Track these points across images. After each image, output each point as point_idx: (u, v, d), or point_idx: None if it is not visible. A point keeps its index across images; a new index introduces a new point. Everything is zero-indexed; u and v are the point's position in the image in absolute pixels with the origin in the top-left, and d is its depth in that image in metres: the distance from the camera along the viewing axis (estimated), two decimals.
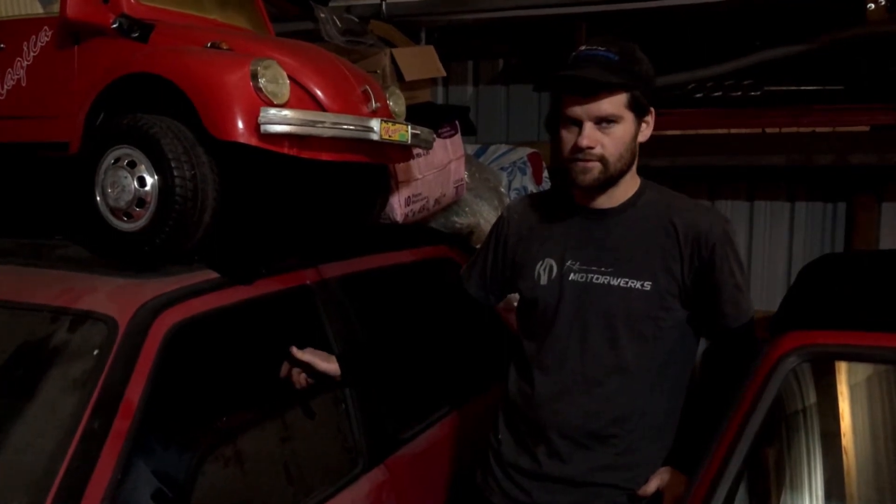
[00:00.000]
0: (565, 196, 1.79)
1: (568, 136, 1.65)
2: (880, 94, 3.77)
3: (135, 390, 1.50)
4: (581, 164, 1.64)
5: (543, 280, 1.76)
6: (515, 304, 1.99)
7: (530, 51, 4.72)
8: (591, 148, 1.62)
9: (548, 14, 3.70)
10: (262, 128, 1.73)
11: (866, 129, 3.74)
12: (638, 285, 1.67)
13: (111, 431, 1.43)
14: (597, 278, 1.70)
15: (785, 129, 3.87)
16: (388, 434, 2.17)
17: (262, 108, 1.72)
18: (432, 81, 3.04)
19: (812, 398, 1.53)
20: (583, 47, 1.66)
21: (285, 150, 1.80)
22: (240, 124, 1.72)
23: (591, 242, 1.73)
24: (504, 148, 3.94)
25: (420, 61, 2.80)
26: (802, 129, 3.83)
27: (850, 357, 1.49)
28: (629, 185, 1.74)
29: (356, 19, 2.89)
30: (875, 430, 1.53)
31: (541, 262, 1.78)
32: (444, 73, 3.07)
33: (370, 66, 2.57)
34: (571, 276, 1.73)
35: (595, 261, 1.72)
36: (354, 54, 2.65)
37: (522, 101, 4.93)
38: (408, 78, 2.67)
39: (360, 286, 2.36)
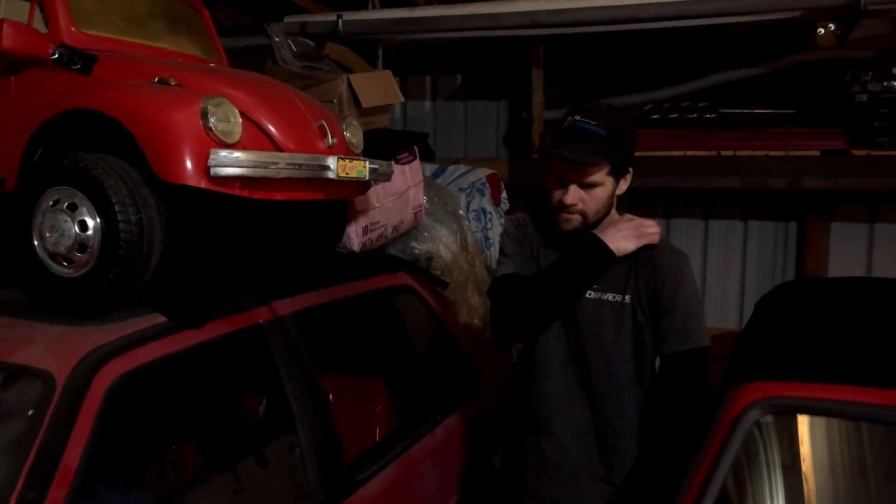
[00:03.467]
0: (555, 225, 1.97)
1: (556, 191, 1.89)
2: (830, 118, 3.84)
3: (73, 454, 1.42)
4: (565, 216, 1.90)
5: None
6: None
7: (489, 67, 4.70)
8: (574, 205, 1.87)
9: (504, 36, 3.67)
10: (213, 170, 1.65)
11: (817, 153, 3.80)
12: (620, 298, 1.92)
13: (46, 502, 1.34)
14: (590, 294, 1.94)
15: (739, 152, 3.91)
16: (344, 475, 2.11)
17: (212, 150, 1.65)
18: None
19: (775, 451, 1.52)
20: (577, 117, 1.85)
21: (237, 192, 1.72)
22: (189, 166, 1.65)
23: None
24: (462, 168, 3.89)
25: (377, 87, 2.74)
26: (756, 152, 3.88)
27: (815, 411, 1.48)
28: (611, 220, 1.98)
29: (311, 43, 2.81)
30: (837, 487, 1.53)
31: None
32: (402, 99, 3.02)
33: (327, 94, 2.50)
34: (588, 294, 1.95)
35: None
36: (310, 80, 2.58)
37: (481, 116, 4.90)
38: (365, 105, 2.61)
39: (316, 321, 2.29)
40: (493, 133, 4.87)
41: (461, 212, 3.53)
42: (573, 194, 1.86)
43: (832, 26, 3.73)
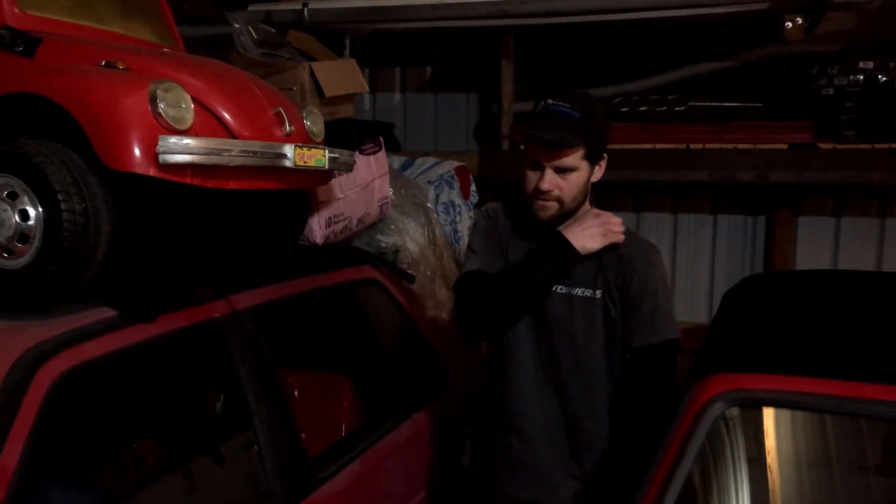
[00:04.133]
0: (531, 214, 1.94)
1: (531, 177, 1.87)
2: (798, 112, 3.85)
3: (10, 456, 1.34)
4: (541, 202, 1.88)
5: None
6: None
7: (459, 58, 4.65)
8: (551, 191, 1.85)
9: (474, 26, 3.62)
10: (161, 157, 1.58)
11: (784, 146, 3.81)
12: (591, 294, 1.90)
13: None
14: (561, 289, 1.91)
15: (708, 145, 3.91)
16: (305, 473, 2.05)
17: (161, 137, 1.58)
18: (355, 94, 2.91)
19: (739, 445, 1.49)
20: (550, 101, 1.86)
21: (188, 181, 1.66)
22: (136, 153, 1.58)
23: None
24: (431, 161, 3.84)
25: (341, 75, 2.68)
26: (725, 146, 3.87)
27: (779, 404, 1.46)
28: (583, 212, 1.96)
29: (273, 30, 2.74)
30: (802, 479, 1.51)
31: None
32: (367, 89, 2.96)
33: (288, 82, 2.43)
34: (556, 289, 1.92)
35: None
36: (271, 68, 2.51)
37: (451, 109, 4.84)
38: (328, 94, 2.55)
39: (277, 315, 2.23)
40: (463, 125, 4.81)
41: (429, 204, 3.48)
42: (549, 179, 1.84)
43: (800, 20, 3.74)
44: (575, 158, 1.83)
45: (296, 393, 3.00)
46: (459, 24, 3.61)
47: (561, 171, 1.84)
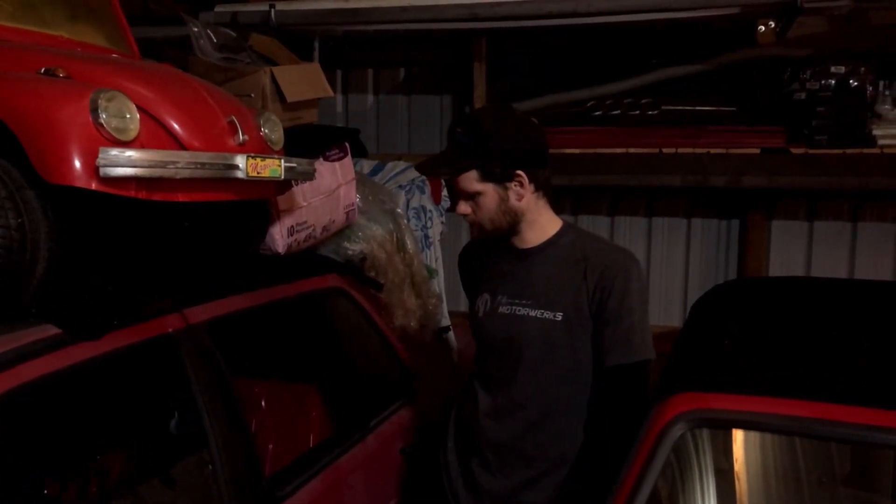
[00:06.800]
0: (503, 237, 1.94)
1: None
2: (770, 116, 3.84)
3: None
4: (468, 223, 1.90)
5: (481, 311, 1.97)
6: None
7: (432, 61, 4.59)
8: (465, 215, 1.86)
9: (444, 28, 3.57)
10: (102, 170, 1.51)
11: (757, 151, 3.79)
12: (551, 315, 1.82)
13: None
14: (519, 310, 1.87)
15: (681, 150, 3.89)
16: (262, 492, 1.99)
17: (101, 149, 1.50)
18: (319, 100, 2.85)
19: (703, 465, 1.45)
20: (456, 128, 1.83)
21: (132, 194, 1.58)
22: (76, 166, 1.50)
23: (515, 278, 1.92)
24: (402, 165, 3.78)
25: (304, 80, 2.61)
26: (698, 150, 3.85)
27: (744, 425, 1.42)
28: (545, 229, 1.91)
29: (233, 34, 2.67)
30: (763, 500, 1.47)
31: (480, 297, 1.99)
32: (332, 93, 2.89)
33: (248, 87, 2.36)
34: (500, 309, 1.92)
35: (518, 294, 1.90)
36: (232, 73, 2.44)
37: (425, 111, 4.79)
38: (290, 99, 2.48)
39: (237, 328, 2.17)
40: (436, 128, 4.76)
41: (399, 210, 3.42)
42: (460, 206, 1.86)
43: (772, 24, 3.74)
44: (468, 182, 1.80)
45: (262, 404, 2.94)
46: (430, 27, 3.56)
47: (468, 196, 1.83)
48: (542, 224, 1.90)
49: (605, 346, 1.79)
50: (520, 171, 1.80)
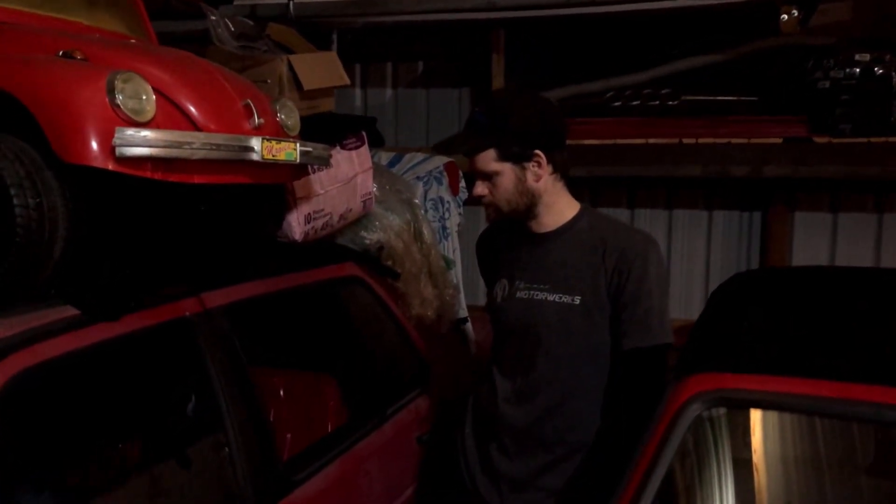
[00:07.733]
0: (520, 221, 1.93)
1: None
2: (793, 105, 3.79)
3: None
4: (484, 206, 1.91)
5: (499, 297, 1.96)
6: None
7: (451, 53, 4.59)
8: (483, 196, 1.86)
9: (462, 19, 3.56)
10: (118, 150, 1.52)
11: (779, 140, 3.74)
12: (569, 300, 1.81)
13: None
14: (537, 294, 1.86)
15: (702, 140, 3.84)
16: (278, 476, 2.00)
17: (117, 129, 1.52)
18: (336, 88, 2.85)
19: (719, 447, 1.43)
20: (475, 108, 1.98)
21: (148, 174, 1.59)
22: (93, 146, 1.51)
23: (533, 262, 1.91)
24: (420, 156, 3.78)
25: (321, 68, 2.62)
26: (719, 140, 3.81)
27: (761, 405, 1.40)
28: (563, 212, 1.89)
29: (251, 22, 2.69)
30: (781, 481, 1.45)
31: (499, 282, 1.98)
32: (348, 81, 2.90)
33: (265, 74, 2.38)
34: (518, 294, 1.91)
35: (536, 279, 1.89)
36: (249, 61, 2.45)
37: (443, 104, 4.80)
38: (306, 87, 2.49)
39: (255, 313, 2.17)
40: (455, 121, 4.76)
41: (417, 201, 3.42)
42: (478, 186, 1.86)
43: (795, 12, 3.69)
44: (485, 162, 1.81)
45: (281, 393, 2.96)
46: (447, 17, 3.56)
47: (485, 176, 1.83)
48: (560, 207, 1.89)
49: (623, 329, 1.78)
50: (538, 151, 1.79)
